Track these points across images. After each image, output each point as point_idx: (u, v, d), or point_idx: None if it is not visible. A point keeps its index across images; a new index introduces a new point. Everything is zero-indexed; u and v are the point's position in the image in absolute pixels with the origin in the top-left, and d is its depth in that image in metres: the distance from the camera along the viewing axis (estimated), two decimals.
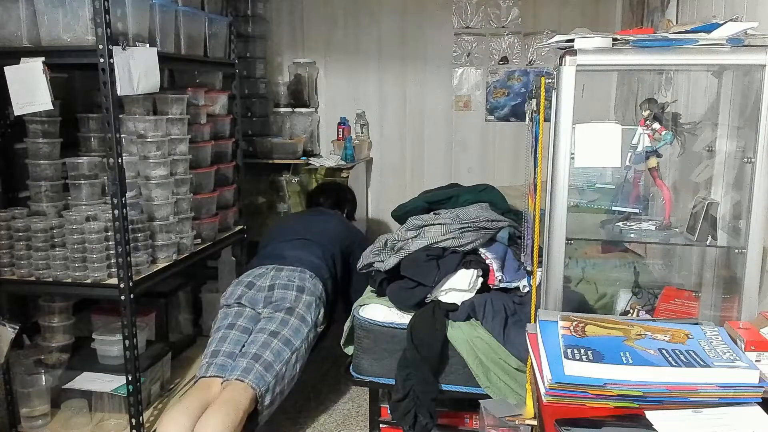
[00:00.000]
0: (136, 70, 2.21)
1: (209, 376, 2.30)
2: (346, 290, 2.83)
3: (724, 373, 1.13)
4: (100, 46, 2.09)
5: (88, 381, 2.45)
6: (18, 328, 2.34)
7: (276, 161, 3.68)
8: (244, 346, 2.38)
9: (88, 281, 2.28)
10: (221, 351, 2.37)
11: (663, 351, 1.20)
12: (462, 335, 2.19)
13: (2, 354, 2.30)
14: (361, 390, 2.82)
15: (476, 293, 2.28)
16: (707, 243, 1.59)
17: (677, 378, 1.12)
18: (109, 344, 2.51)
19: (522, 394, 2.00)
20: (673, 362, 1.15)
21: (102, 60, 2.10)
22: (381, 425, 2.41)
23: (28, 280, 2.33)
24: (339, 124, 3.95)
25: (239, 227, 3.22)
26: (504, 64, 3.88)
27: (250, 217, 3.47)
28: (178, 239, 2.58)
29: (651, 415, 1.09)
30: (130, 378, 2.30)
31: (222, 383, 2.26)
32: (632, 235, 1.68)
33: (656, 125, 1.57)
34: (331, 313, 2.70)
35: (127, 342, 2.28)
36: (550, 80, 1.55)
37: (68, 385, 2.44)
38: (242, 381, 2.22)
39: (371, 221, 4.15)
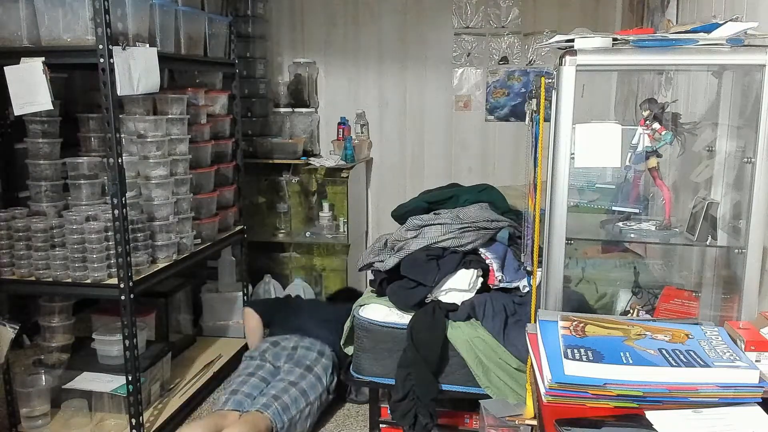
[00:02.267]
0: (136, 70, 2.21)
1: (226, 410, 2.39)
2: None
3: (724, 373, 1.13)
4: (100, 46, 2.09)
5: (88, 381, 2.46)
6: (18, 328, 2.34)
7: (276, 161, 3.68)
8: (262, 390, 2.48)
9: (88, 281, 2.28)
10: (240, 391, 2.47)
11: (663, 351, 1.20)
12: (462, 335, 2.19)
13: (2, 354, 2.30)
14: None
15: (476, 293, 2.28)
16: (707, 243, 1.59)
17: (677, 378, 1.12)
18: (109, 344, 2.51)
19: (522, 394, 2.00)
20: (673, 362, 1.15)
21: (102, 60, 2.10)
22: (381, 425, 2.41)
23: (28, 280, 2.33)
24: (339, 124, 3.95)
25: (239, 227, 3.22)
26: (504, 64, 3.88)
27: (250, 217, 3.47)
28: (178, 239, 2.58)
29: (651, 415, 1.09)
30: (130, 378, 2.30)
31: (240, 415, 2.34)
32: (632, 235, 1.68)
33: (656, 125, 1.57)
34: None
35: (127, 342, 2.28)
36: (550, 80, 1.55)
37: (68, 385, 2.44)
38: (261, 413, 2.31)
39: (371, 221, 4.15)
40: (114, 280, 2.27)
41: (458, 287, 2.26)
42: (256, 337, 2.98)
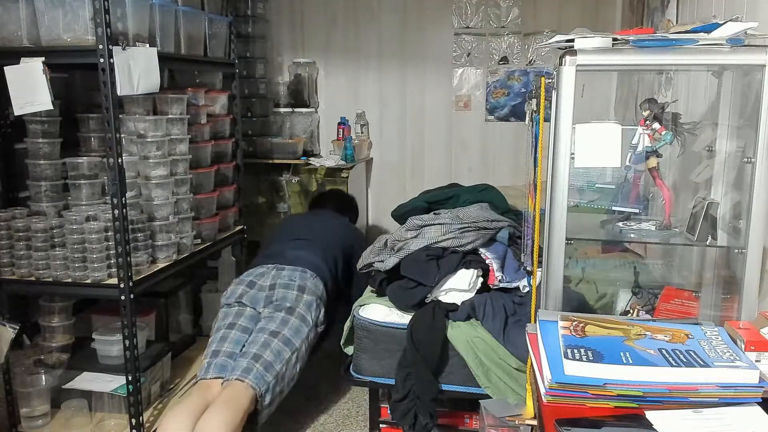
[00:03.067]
0: (136, 70, 2.21)
1: (210, 378, 2.31)
2: (347, 291, 2.84)
3: (724, 373, 1.13)
4: (100, 46, 2.09)
5: (88, 381, 2.45)
6: (18, 328, 2.34)
7: (276, 161, 3.68)
8: (244, 345, 2.39)
9: (88, 281, 2.28)
10: (221, 351, 2.38)
11: (663, 351, 1.20)
12: (462, 335, 2.19)
13: (2, 354, 2.30)
14: (361, 390, 2.82)
15: (476, 293, 2.28)
16: (707, 243, 1.59)
17: (677, 378, 1.12)
18: (109, 344, 2.51)
19: (522, 394, 2.00)
20: (673, 362, 1.15)
21: (102, 60, 2.10)
22: (381, 425, 2.41)
23: (28, 280, 2.33)
24: (339, 124, 3.95)
25: (239, 227, 3.21)
26: (504, 64, 3.88)
27: (250, 217, 3.47)
28: (178, 239, 2.58)
29: (651, 415, 1.09)
30: (130, 378, 2.30)
31: (222, 383, 2.27)
32: (632, 235, 1.68)
33: (656, 125, 1.57)
34: (332, 314, 2.70)
35: (127, 342, 2.28)
36: (550, 80, 1.55)
37: (68, 385, 2.44)
38: (242, 381, 2.22)
39: (371, 221, 4.15)
40: (114, 280, 2.27)
41: (458, 287, 2.26)
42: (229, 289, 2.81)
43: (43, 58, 2.11)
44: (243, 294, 2.56)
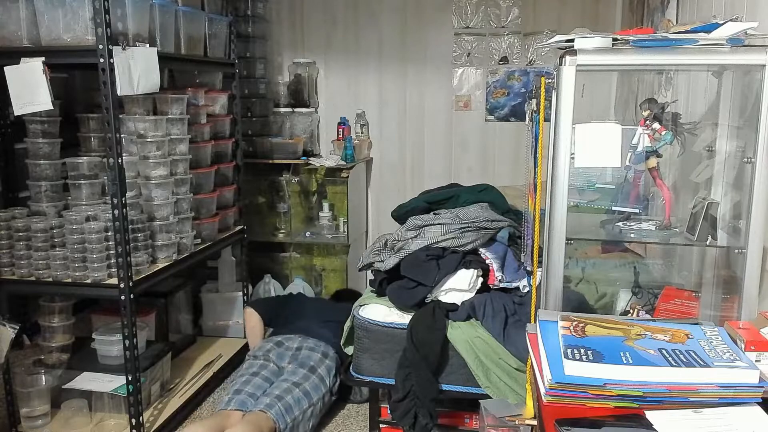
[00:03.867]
0: (136, 70, 2.21)
1: (230, 410, 2.38)
2: None
3: (724, 373, 1.13)
4: (100, 46, 2.09)
5: (88, 381, 2.46)
6: (18, 328, 2.34)
7: (276, 161, 3.68)
8: (266, 390, 2.48)
9: (88, 281, 2.28)
10: (243, 391, 2.47)
11: (663, 351, 1.20)
12: (462, 335, 2.18)
13: (2, 354, 2.30)
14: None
15: (476, 293, 2.28)
16: (707, 243, 1.59)
17: (677, 378, 1.12)
18: (109, 344, 2.51)
19: (522, 394, 2.00)
20: (673, 362, 1.15)
21: (102, 60, 2.10)
22: (381, 425, 2.41)
23: (28, 280, 2.33)
24: (339, 124, 3.95)
25: (239, 227, 3.22)
26: (504, 64, 3.88)
27: (250, 217, 3.47)
28: (178, 239, 2.58)
29: (651, 415, 1.09)
30: (130, 378, 2.30)
31: (243, 415, 2.34)
32: (632, 235, 1.68)
33: (656, 125, 1.57)
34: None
35: (127, 342, 2.28)
36: (550, 80, 1.55)
37: (68, 385, 2.44)
38: (265, 412, 2.31)
39: (371, 221, 4.15)
40: (114, 280, 2.27)
41: (458, 287, 2.26)
42: (257, 337, 2.98)
43: (43, 58, 2.12)
44: (270, 350, 2.69)
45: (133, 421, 2.33)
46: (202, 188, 2.87)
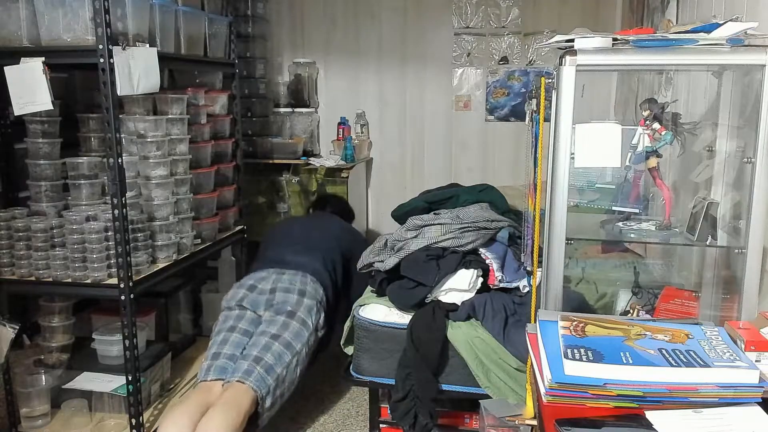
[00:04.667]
0: (136, 70, 2.21)
1: (210, 380, 2.31)
2: (347, 292, 2.84)
3: (724, 373, 1.13)
4: (100, 46, 2.09)
5: (88, 381, 2.45)
6: (18, 328, 2.34)
7: (276, 161, 3.68)
8: (245, 348, 2.38)
9: (88, 281, 2.28)
10: (222, 353, 2.37)
11: (663, 351, 1.20)
12: (462, 335, 2.19)
13: (2, 354, 2.30)
14: (361, 390, 2.82)
15: (476, 293, 2.28)
16: (707, 243, 1.59)
17: (677, 378, 1.12)
18: (109, 344, 2.51)
19: (522, 394, 2.00)
20: (673, 362, 1.15)
21: (102, 60, 2.10)
22: (381, 425, 2.41)
23: (28, 280, 2.33)
24: (339, 124, 3.95)
25: (239, 227, 3.21)
26: (504, 64, 3.88)
27: (250, 217, 3.47)
28: (178, 239, 2.58)
29: (651, 415, 1.09)
30: (130, 378, 2.30)
31: (223, 385, 2.27)
32: (632, 235, 1.68)
33: (656, 125, 1.57)
34: (332, 319, 2.70)
35: (127, 342, 2.28)
36: (550, 80, 1.55)
37: (68, 385, 2.44)
38: (243, 383, 2.22)
39: (371, 221, 4.15)
40: (114, 280, 2.27)
41: (458, 287, 2.26)
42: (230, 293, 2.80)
43: (43, 58, 2.11)
44: (243, 297, 2.56)
45: (133, 421, 2.33)
46: (202, 188, 2.87)
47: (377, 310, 2.31)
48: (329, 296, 2.66)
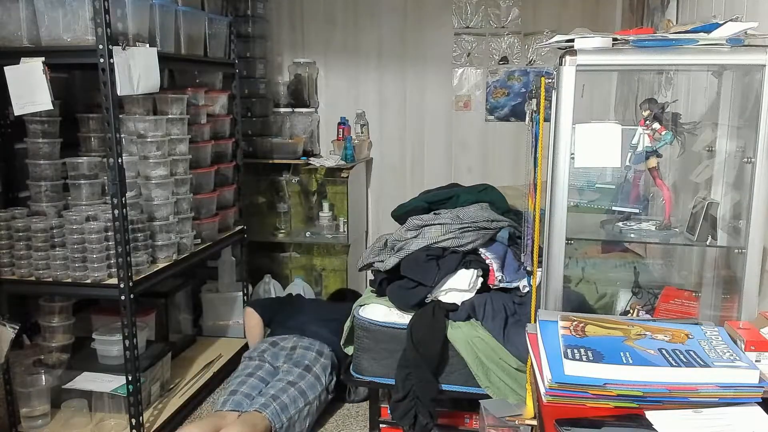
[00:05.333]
0: (136, 70, 2.21)
1: (226, 410, 2.39)
2: None
3: (724, 373, 1.13)
4: (100, 46, 2.09)
5: (88, 381, 2.45)
6: (18, 328, 2.34)
7: (276, 161, 3.67)
8: (261, 390, 2.48)
9: (88, 281, 2.28)
10: (239, 391, 2.47)
11: (663, 351, 1.20)
12: (462, 335, 2.18)
13: (2, 354, 2.30)
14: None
15: (476, 293, 2.28)
16: (707, 243, 1.59)
17: (677, 378, 1.12)
18: (109, 344, 2.51)
19: (522, 394, 2.00)
20: (673, 362, 1.15)
21: (102, 60, 2.10)
22: (381, 425, 2.41)
23: (28, 280, 2.33)
24: (339, 124, 3.94)
25: (239, 227, 3.22)
26: (504, 64, 3.88)
27: (250, 217, 3.47)
28: (178, 239, 2.58)
29: (651, 415, 1.09)
30: (130, 378, 2.30)
31: (239, 415, 2.34)
32: (632, 235, 1.68)
33: (656, 125, 1.57)
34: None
35: (127, 342, 2.28)
36: (550, 80, 1.55)
37: (68, 385, 2.44)
38: (260, 412, 2.31)
39: (371, 221, 4.15)
40: (114, 280, 2.27)
41: (458, 287, 2.26)
42: (257, 337, 2.98)
43: (43, 58, 2.12)
44: (265, 350, 2.69)
45: (133, 421, 2.33)
46: (202, 188, 2.87)
47: (377, 310, 2.31)
48: (341, 366, 2.72)
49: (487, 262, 2.27)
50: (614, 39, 1.45)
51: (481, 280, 2.29)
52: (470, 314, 2.22)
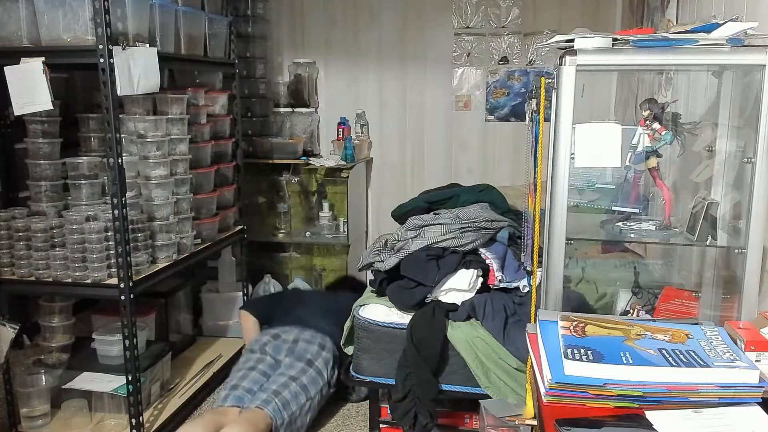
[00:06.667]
0: (136, 70, 2.21)
1: (227, 406, 2.37)
2: None
3: (724, 373, 1.13)
4: (100, 46, 2.09)
5: (88, 381, 2.45)
6: (18, 328, 2.34)
7: (276, 161, 3.67)
8: (263, 385, 2.47)
9: (88, 281, 2.28)
10: (240, 386, 2.46)
11: (663, 351, 1.20)
12: (462, 335, 2.19)
13: (2, 354, 2.30)
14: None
15: (476, 293, 2.28)
16: (707, 243, 1.59)
17: (677, 378, 1.12)
18: (109, 344, 2.51)
19: (522, 394, 2.00)
20: (673, 362, 1.15)
21: (102, 60, 2.10)
22: (381, 425, 2.41)
23: (28, 280, 2.33)
24: (339, 124, 3.94)
25: (239, 227, 3.22)
26: (504, 64, 3.88)
27: (250, 217, 3.47)
28: (178, 239, 2.58)
29: (651, 415, 1.09)
30: (130, 378, 2.30)
31: (240, 411, 2.33)
32: (632, 235, 1.68)
33: (656, 125, 1.57)
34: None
35: (127, 342, 2.28)
36: (550, 80, 1.55)
37: (68, 385, 2.44)
38: (262, 409, 2.29)
39: (371, 221, 4.15)
40: (114, 280, 2.27)
41: (458, 287, 2.26)
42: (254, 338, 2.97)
43: (43, 58, 2.12)
44: (267, 343, 2.68)
45: (133, 421, 2.33)
46: (202, 188, 2.87)
47: (377, 310, 2.31)
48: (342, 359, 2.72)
49: (487, 262, 2.27)
50: (614, 39, 1.45)
51: (481, 280, 2.29)
52: (470, 314, 2.22)
